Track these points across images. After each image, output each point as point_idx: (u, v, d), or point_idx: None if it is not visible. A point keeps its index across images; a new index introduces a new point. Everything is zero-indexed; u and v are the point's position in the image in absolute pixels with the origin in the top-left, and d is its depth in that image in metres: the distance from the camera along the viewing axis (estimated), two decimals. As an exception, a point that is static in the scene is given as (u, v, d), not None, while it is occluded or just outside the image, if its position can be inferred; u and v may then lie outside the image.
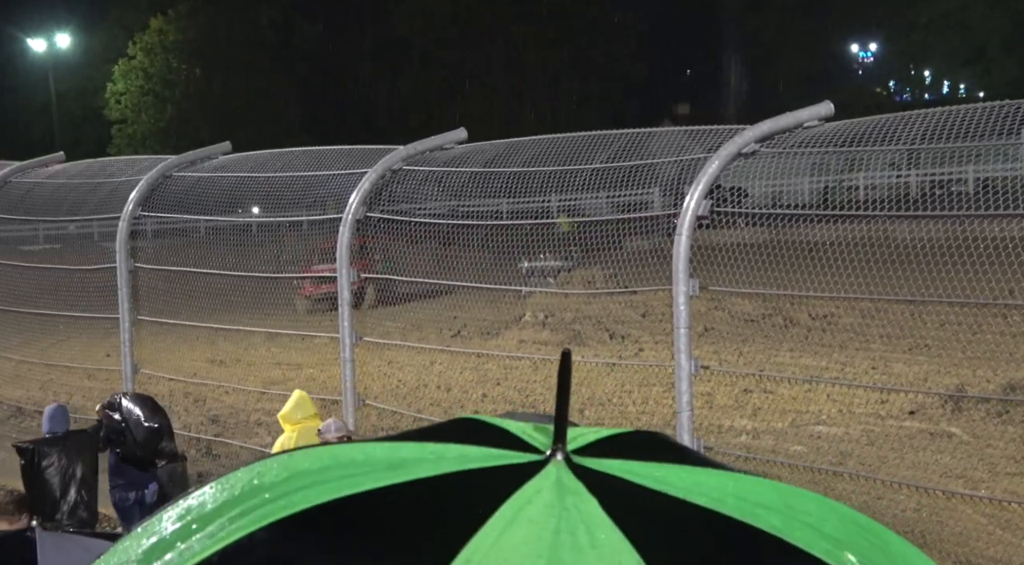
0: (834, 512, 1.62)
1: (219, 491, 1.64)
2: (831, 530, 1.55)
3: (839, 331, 13.01)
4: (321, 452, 1.69)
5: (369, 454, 1.62)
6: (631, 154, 9.29)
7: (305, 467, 1.62)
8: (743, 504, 1.53)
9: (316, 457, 1.66)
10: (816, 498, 1.64)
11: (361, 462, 1.59)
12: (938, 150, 7.84)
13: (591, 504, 1.45)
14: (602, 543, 1.39)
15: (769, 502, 1.56)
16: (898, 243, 8.24)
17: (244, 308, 12.46)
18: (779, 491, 1.63)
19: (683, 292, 7.84)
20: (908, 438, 11.35)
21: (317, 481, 1.56)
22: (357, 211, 10.19)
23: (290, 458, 1.68)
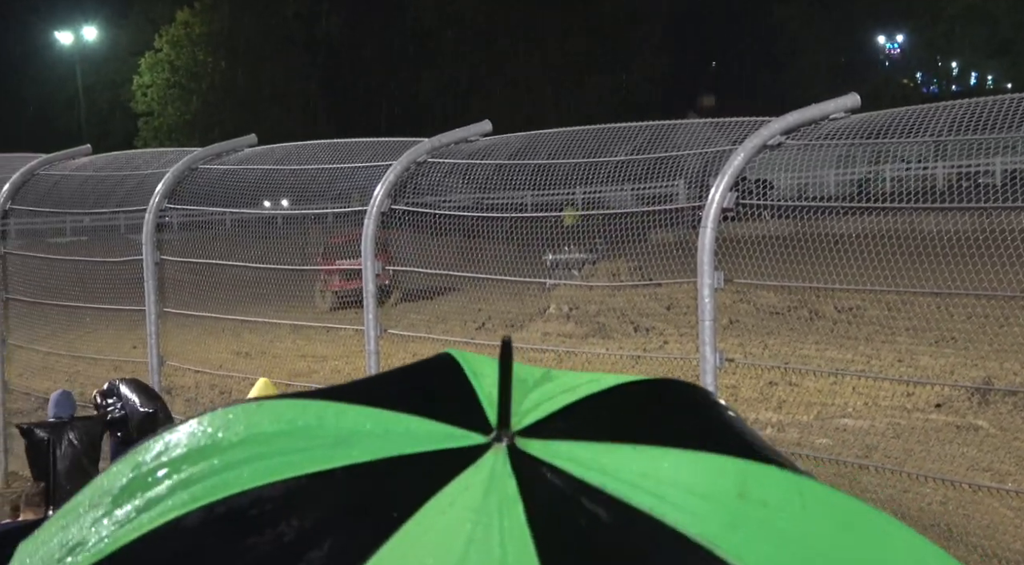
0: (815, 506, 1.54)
1: (179, 441, 1.62)
2: (790, 535, 1.47)
3: (865, 324, 12.97)
4: (282, 411, 1.65)
5: (323, 420, 1.60)
6: (656, 146, 9.27)
7: (262, 430, 1.61)
8: (689, 497, 1.46)
9: (276, 417, 1.64)
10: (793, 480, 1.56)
11: (313, 430, 1.57)
12: (965, 142, 7.80)
13: (515, 510, 1.40)
14: (510, 549, 1.35)
15: (723, 489, 1.49)
16: (924, 235, 8.20)
17: (269, 300, 12.49)
18: (743, 473, 1.54)
19: (708, 285, 7.83)
20: (934, 431, 11.30)
21: (263, 453, 1.54)
22: (382, 203, 10.20)
23: (256, 410, 1.68)
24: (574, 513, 1.42)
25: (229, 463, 1.54)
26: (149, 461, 1.60)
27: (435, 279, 11.30)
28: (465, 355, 1.78)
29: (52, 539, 1.56)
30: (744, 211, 8.15)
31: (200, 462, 1.55)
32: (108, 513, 1.54)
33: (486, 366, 1.71)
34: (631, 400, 1.70)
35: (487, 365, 1.71)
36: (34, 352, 14.30)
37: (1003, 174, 9.51)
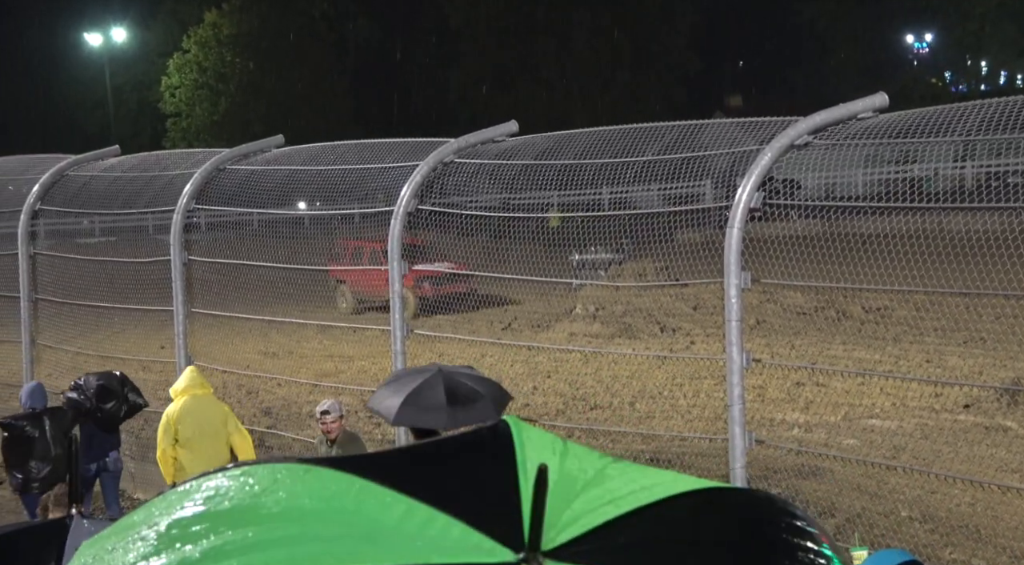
0: None
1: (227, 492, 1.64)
2: None
3: (893, 324, 12.91)
4: (326, 485, 1.66)
5: (360, 505, 1.60)
6: (683, 146, 9.25)
7: (300, 504, 1.61)
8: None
9: (318, 491, 1.64)
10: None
11: (349, 517, 1.58)
12: (994, 141, 7.76)
13: None
14: None
15: None
16: (953, 235, 8.16)
17: (296, 300, 12.53)
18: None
19: (735, 285, 7.81)
20: (963, 432, 11.24)
21: (295, 536, 1.55)
22: (409, 204, 10.21)
23: (303, 476, 1.67)
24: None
25: (262, 541, 1.55)
26: (196, 503, 1.63)
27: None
28: (522, 428, 1.75)
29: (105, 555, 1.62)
30: (771, 211, 8.12)
31: (238, 528, 1.56)
32: (146, 553, 1.57)
33: (543, 445, 1.70)
34: (674, 521, 1.69)
35: (543, 443, 1.70)
36: (63, 352, 14.38)
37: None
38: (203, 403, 10.34)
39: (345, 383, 13.51)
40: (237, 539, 1.54)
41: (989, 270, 7.76)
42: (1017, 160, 9.12)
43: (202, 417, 10.29)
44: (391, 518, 1.58)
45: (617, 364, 11.81)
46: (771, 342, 11.83)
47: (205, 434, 10.24)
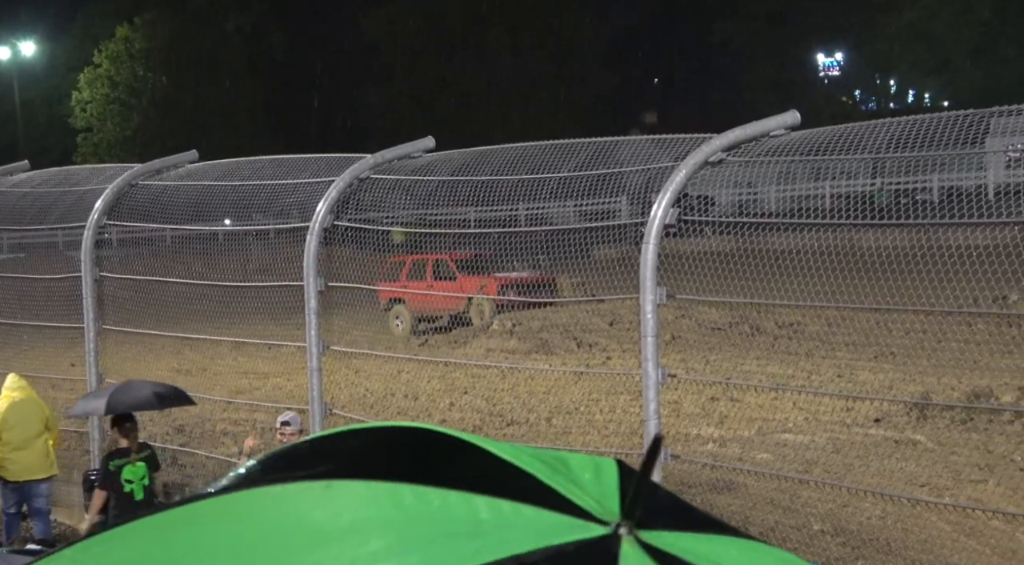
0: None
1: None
2: None
3: (805, 339, 13.05)
4: (379, 491, 1.59)
5: (446, 501, 1.57)
6: (599, 163, 9.30)
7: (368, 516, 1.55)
8: None
9: (372, 502, 1.58)
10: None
11: (434, 511, 1.55)
12: (903, 159, 7.89)
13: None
14: None
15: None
16: (864, 251, 8.28)
17: (210, 317, 12.40)
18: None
19: (650, 300, 7.85)
20: (873, 445, 11.40)
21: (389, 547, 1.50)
22: (324, 219, 10.16)
23: (338, 494, 1.60)
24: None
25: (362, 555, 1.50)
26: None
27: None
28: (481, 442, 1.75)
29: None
30: (686, 227, 8.18)
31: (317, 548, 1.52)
32: None
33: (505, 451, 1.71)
34: (660, 503, 1.75)
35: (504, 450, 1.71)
36: (-30, 370, 14.08)
37: (940, 191, 9.63)
38: (26, 405, 11.32)
39: (260, 400, 13.39)
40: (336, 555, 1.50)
41: (899, 286, 7.89)
42: (926, 177, 9.29)
43: (25, 419, 11.25)
44: (482, 515, 1.56)
45: (534, 380, 11.83)
46: (686, 357, 11.90)
47: (29, 435, 11.26)
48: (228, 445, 12.90)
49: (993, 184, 10.03)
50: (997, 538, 8.86)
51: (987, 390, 12.40)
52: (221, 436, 13.57)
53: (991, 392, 12.41)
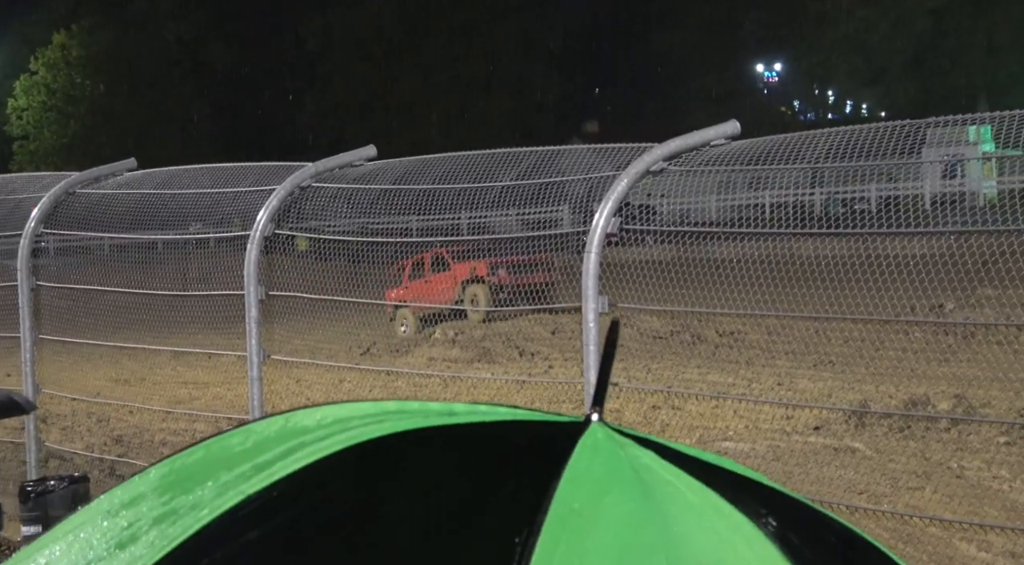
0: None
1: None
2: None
3: (745, 348, 13.15)
4: (369, 404, 1.74)
5: (424, 406, 1.70)
6: (541, 172, 9.31)
7: (353, 412, 1.68)
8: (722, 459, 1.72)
9: (362, 407, 1.73)
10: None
11: (416, 410, 1.67)
12: (842, 169, 7.97)
13: (649, 453, 1.59)
14: (680, 481, 1.53)
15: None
16: (802, 260, 8.35)
17: (149, 326, 12.29)
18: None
19: (592, 309, 7.87)
20: (813, 453, 11.49)
21: (376, 420, 1.63)
22: (265, 228, 10.10)
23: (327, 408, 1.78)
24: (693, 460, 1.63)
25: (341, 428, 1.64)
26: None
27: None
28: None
29: None
30: (628, 236, 8.21)
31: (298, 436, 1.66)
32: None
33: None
34: None
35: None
36: (-97, 381, 13.87)
37: (878, 200, 9.73)
38: None
39: (200, 410, 13.28)
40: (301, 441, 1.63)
41: (838, 294, 7.96)
42: (863, 187, 9.39)
43: None
44: (455, 408, 1.69)
45: (476, 388, 11.82)
46: (628, 366, 11.94)
47: None
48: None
49: (929, 194, 10.15)
50: (934, 545, 8.96)
51: (924, 398, 12.54)
52: (160, 446, 13.44)
53: (928, 400, 12.56)
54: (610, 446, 1.58)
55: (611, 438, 1.61)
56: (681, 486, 1.53)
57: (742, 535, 1.50)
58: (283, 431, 1.66)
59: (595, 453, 1.55)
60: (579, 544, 1.42)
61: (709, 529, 1.49)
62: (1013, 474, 10.73)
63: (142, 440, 13.60)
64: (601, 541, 1.44)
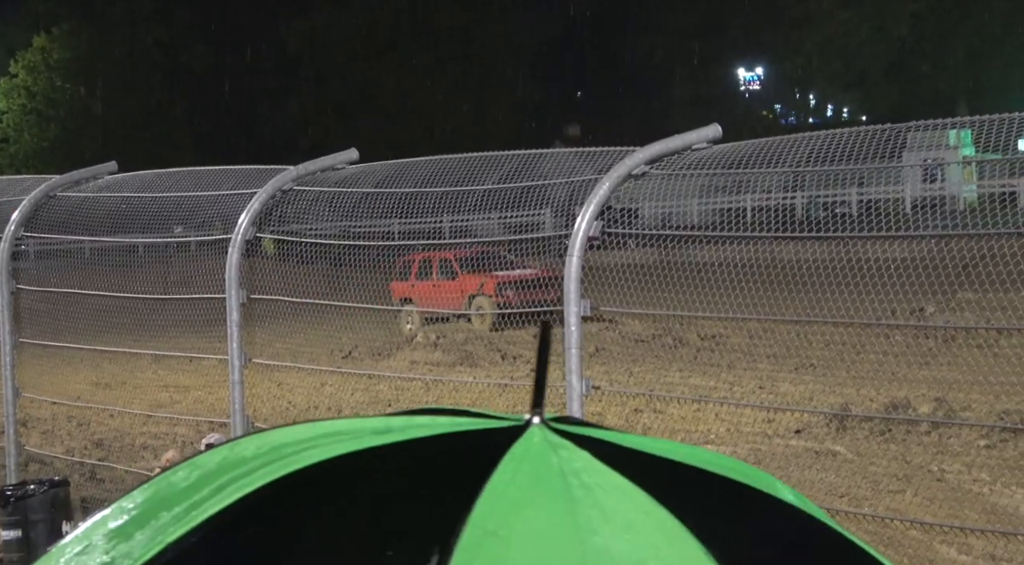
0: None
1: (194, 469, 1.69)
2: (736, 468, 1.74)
3: (727, 351, 13.17)
4: (306, 427, 1.74)
5: (355, 424, 1.71)
6: (523, 175, 9.32)
7: (289, 438, 1.67)
8: (693, 455, 1.72)
9: (299, 430, 1.72)
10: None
11: (349, 430, 1.67)
12: (823, 172, 7.99)
13: (584, 455, 1.58)
14: (610, 485, 1.53)
15: (706, 458, 1.75)
16: (784, 264, 8.37)
17: (130, 330, 12.25)
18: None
19: (574, 313, 7.87)
20: (794, 456, 11.52)
21: (309, 447, 1.63)
22: (247, 232, 10.07)
23: (269, 434, 1.77)
24: (631, 457, 1.64)
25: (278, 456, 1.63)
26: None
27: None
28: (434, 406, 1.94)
29: None
30: (610, 240, 8.22)
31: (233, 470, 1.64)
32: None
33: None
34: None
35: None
36: None
37: (859, 204, 9.77)
38: None
39: (180, 414, 13.25)
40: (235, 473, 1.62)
41: (819, 298, 7.98)
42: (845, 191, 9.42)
43: None
44: (392, 424, 1.70)
45: (458, 392, 11.81)
46: (610, 369, 11.96)
47: None
48: (148, 459, 12.74)
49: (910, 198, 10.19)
50: (915, 548, 8.98)
51: (905, 401, 12.58)
52: (141, 450, 13.40)
53: (909, 403, 12.60)
54: (542, 451, 1.58)
55: (546, 442, 1.60)
56: (608, 490, 1.52)
57: (665, 534, 1.49)
58: (223, 463, 1.65)
59: (523, 462, 1.55)
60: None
61: (631, 533, 1.49)
62: (993, 477, 10.77)
63: (123, 444, 13.56)
64: (516, 562, 1.44)
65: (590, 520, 1.47)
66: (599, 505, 1.50)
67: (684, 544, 1.49)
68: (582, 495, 1.50)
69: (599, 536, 1.46)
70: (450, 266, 13.37)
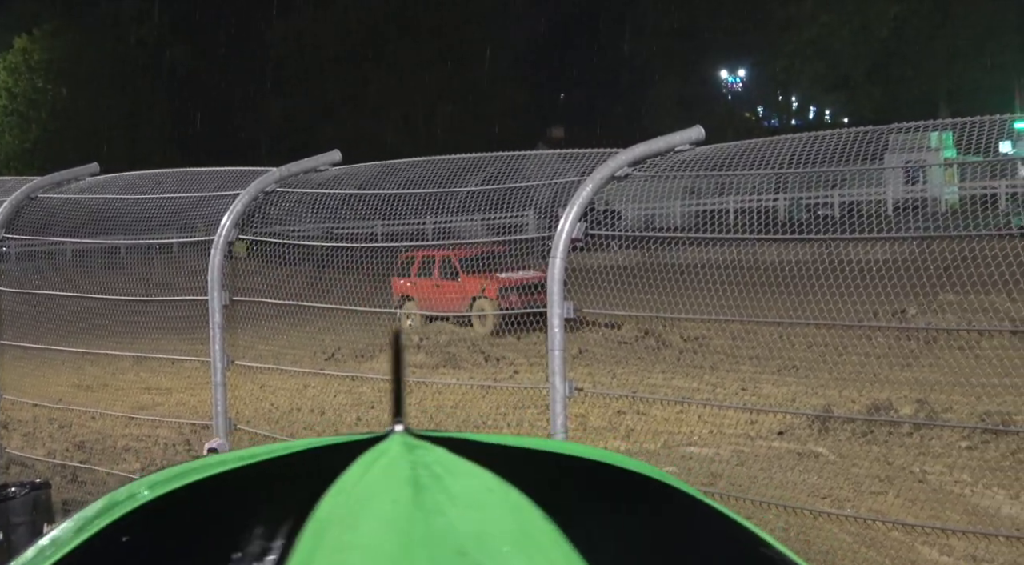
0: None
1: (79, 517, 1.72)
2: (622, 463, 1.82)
3: (710, 353, 13.18)
4: (178, 468, 1.79)
5: (221, 457, 1.77)
6: (506, 177, 9.32)
7: (160, 477, 1.74)
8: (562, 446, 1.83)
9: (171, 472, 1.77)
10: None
11: (215, 462, 1.74)
12: (805, 174, 8.01)
13: (438, 450, 1.65)
14: (459, 470, 1.59)
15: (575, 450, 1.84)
16: (767, 266, 8.39)
17: (112, 332, 12.21)
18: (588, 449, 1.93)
19: (558, 314, 7.88)
20: (776, 458, 11.54)
21: (175, 476, 1.71)
22: (229, 233, 10.05)
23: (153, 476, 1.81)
24: (489, 450, 1.70)
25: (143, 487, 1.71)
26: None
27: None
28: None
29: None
30: (593, 241, 8.23)
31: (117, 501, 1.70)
32: None
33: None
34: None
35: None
36: None
37: (841, 206, 9.79)
38: None
39: (163, 416, 13.21)
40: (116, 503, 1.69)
41: (801, 300, 7.99)
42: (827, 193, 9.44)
43: None
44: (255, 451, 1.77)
45: (441, 393, 11.80)
46: (593, 371, 11.96)
47: None
48: (130, 461, 12.70)
49: (892, 199, 10.21)
50: (896, 549, 9.01)
51: (887, 402, 12.62)
52: (123, 452, 13.35)
53: (891, 404, 12.63)
54: (396, 452, 1.64)
55: (403, 444, 1.67)
56: (457, 475, 1.59)
57: (509, 507, 1.56)
58: (107, 504, 1.72)
59: (375, 462, 1.61)
60: (336, 554, 1.49)
61: (475, 510, 1.56)
62: (975, 478, 10.81)
63: (104, 446, 13.51)
64: (363, 545, 1.50)
65: (437, 503, 1.54)
66: (446, 490, 1.56)
67: (527, 514, 1.56)
68: (430, 482, 1.56)
69: (445, 516, 1.54)
70: (452, 266, 13.31)
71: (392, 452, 1.64)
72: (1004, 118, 6.80)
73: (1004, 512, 10.04)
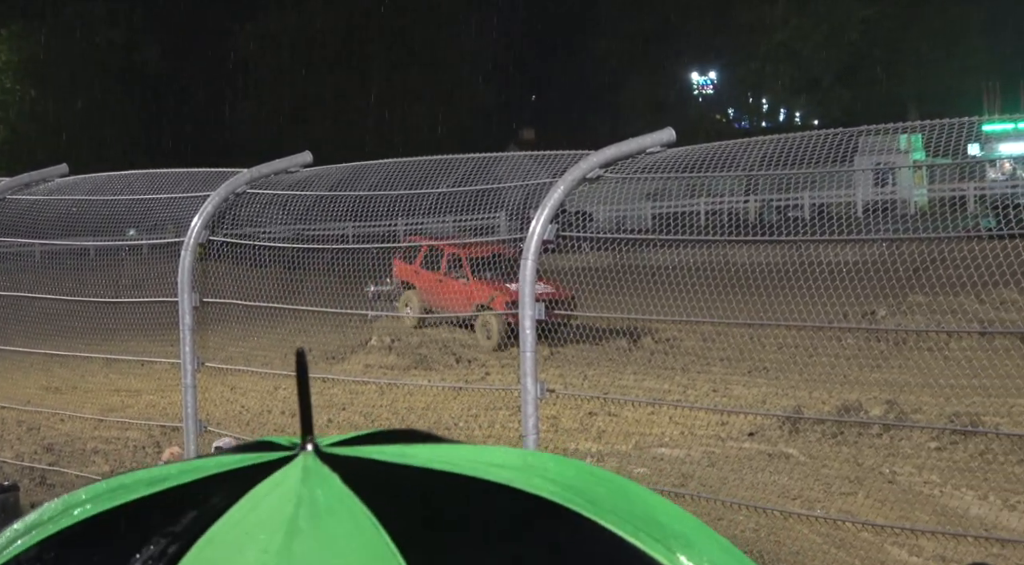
0: (574, 467, 1.84)
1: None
2: (566, 479, 1.74)
3: (681, 354, 13.22)
4: (104, 483, 1.78)
5: (136, 477, 1.76)
6: (478, 178, 9.32)
7: (81, 497, 1.73)
8: (478, 465, 1.72)
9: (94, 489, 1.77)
10: (559, 458, 1.86)
11: (128, 484, 1.73)
12: (776, 176, 8.04)
13: (332, 480, 1.62)
14: (338, 508, 1.58)
15: (507, 463, 1.76)
16: (737, 267, 8.41)
17: (81, 333, 12.15)
18: (522, 455, 1.90)
19: (529, 316, 7.88)
20: (747, 459, 11.57)
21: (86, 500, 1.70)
22: (199, 235, 10.01)
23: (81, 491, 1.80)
24: (385, 476, 1.68)
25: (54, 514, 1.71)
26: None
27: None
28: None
29: None
30: (564, 243, 8.23)
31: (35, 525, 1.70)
32: None
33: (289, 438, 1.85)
34: (395, 433, 1.91)
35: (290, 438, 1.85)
36: None
37: (811, 208, 9.83)
38: None
39: (132, 418, 13.14)
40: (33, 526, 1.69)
41: (772, 301, 8.02)
42: (797, 195, 9.48)
43: None
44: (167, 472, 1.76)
45: (413, 395, 11.81)
46: (564, 372, 11.97)
47: None
48: (99, 464, 12.63)
49: (861, 202, 10.27)
50: (866, 549, 9.05)
51: (856, 404, 12.67)
52: (92, 455, 13.27)
53: (860, 406, 12.69)
54: (290, 483, 1.63)
55: (302, 470, 1.66)
56: (335, 515, 1.59)
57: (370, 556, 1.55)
58: (34, 521, 1.73)
59: (260, 501, 1.61)
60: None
61: (329, 529, 1.57)
62: (944, 479, 10.87)
63: (73, 449, 13.43)
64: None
65: (304, 553, 1.53)
66: (320, 535, 1.56)
67: (364, 527, 1.56)
68: (306, 526, 1.56)
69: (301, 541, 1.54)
70: (459, 264, 13.14)
71: (286, 484, 1.63)
72: (973, 121, 6.84)
73: (973, 513, 10.10)
